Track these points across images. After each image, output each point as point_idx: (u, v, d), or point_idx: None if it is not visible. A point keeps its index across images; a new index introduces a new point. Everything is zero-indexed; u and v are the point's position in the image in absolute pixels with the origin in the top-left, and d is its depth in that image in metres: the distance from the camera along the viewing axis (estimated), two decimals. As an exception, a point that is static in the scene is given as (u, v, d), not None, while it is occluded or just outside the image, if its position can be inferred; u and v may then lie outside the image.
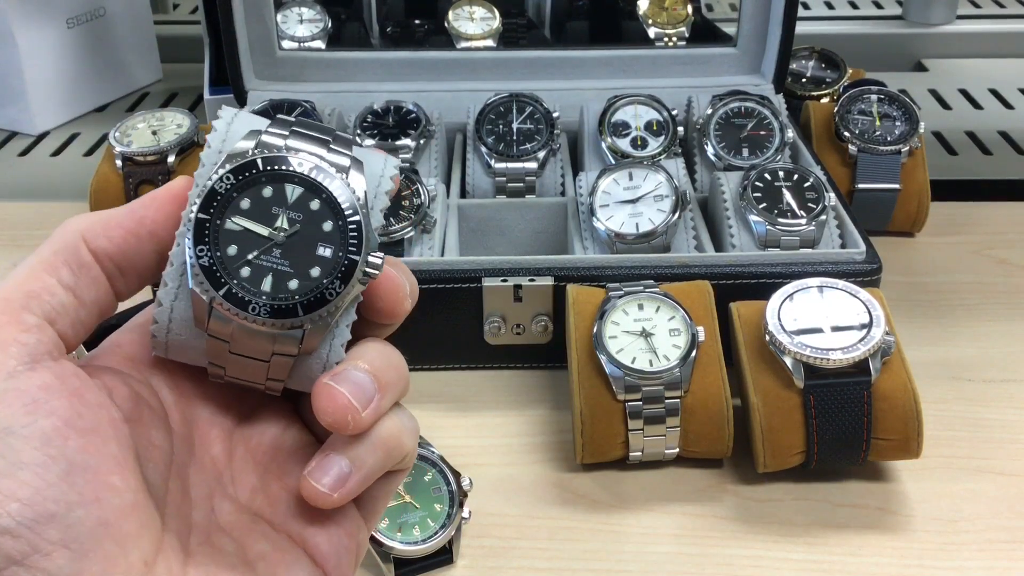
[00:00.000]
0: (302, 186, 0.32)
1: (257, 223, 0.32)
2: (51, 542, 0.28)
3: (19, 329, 0.30)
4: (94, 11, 1.07)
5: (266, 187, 0.32)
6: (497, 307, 0.65)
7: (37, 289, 0.31)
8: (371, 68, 0.88)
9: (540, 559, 0.53)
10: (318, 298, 0.32)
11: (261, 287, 0.31)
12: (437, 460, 0.54)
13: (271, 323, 0.31)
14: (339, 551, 0.35)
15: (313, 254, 0.32)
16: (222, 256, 0.31)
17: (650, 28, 0.93)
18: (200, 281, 0.31)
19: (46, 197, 0.91)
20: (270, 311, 0.31)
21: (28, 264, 0.32)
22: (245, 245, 0.32)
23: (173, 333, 0.33)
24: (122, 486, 0.30)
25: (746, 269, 0.64)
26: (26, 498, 0.28)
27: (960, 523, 0.55)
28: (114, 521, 0.30)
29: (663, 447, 0.57)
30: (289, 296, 0.32)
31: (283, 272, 0.32)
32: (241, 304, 0.31)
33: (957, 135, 1.01)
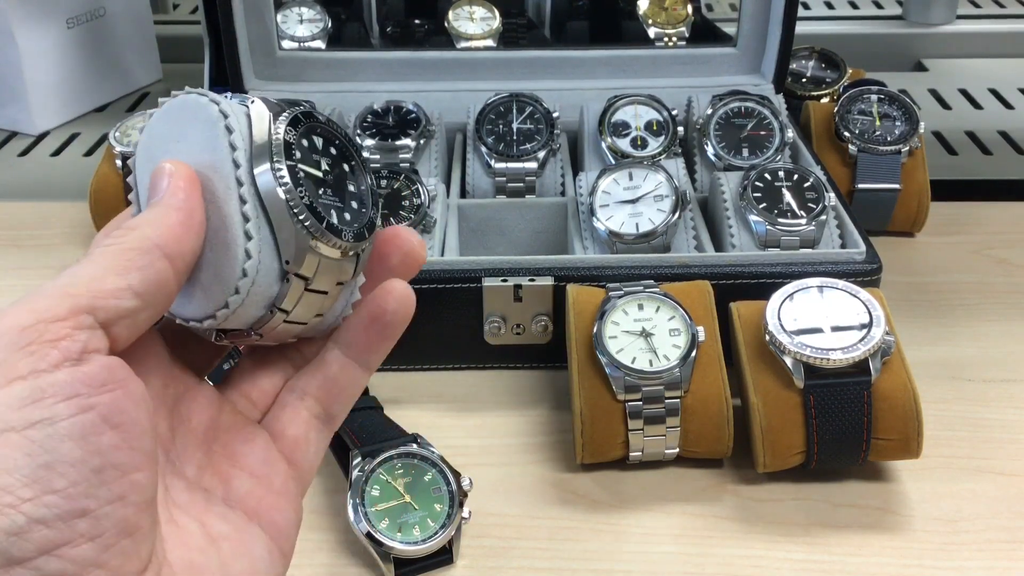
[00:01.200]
0: (323, 136, 0.37)
1: (313, 168, 0.36)
2: (80, 533, 0.30)
3: (74, 326, 0.31)
4: (94, 11, 1.07)
5: (303, 139, 0.36)
6: (497, 307, 0.65)
7: (105, 292, 0.32)
8: (371, 68, 0.88)
9: (540, 559, 0.53)
10: (370, 222, 0.37)
11: (334, 220, 0.36)
12: (437, 460, 0.54)
13: (355, 246, 0.36)
14: (289, 522, 0.37)
15: (347, 191, 0.37)
16: (311, 197, 0.35)
17: (650, 28, 0.93)
18: (307, 218, 0.35)
19: (46, 197, 0.91)
20: (354, 236, 0.36)
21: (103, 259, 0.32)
22: (311, 187, 0.35)
23: (256, 286, 0.35)
24: (145, 483, 0.31)
25: (746, 269, 0.64)
26: (62, 491, 0.29)
27: (960, 523, 0.55)
28: (133, 518, 0.31)
29: (663, 447, 0.57)
30: (352, 224, 0.36)
31: (339, 207, 0.36)
32: (337, 232, 0.35)
33: (957, 135, 1.01)
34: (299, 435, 0.39)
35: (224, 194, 0.34)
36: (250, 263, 0.34)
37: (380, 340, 0.40)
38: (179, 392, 0.37)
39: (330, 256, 0.36)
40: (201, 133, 0.35)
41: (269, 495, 0.37)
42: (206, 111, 0.35)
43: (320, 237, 0.35)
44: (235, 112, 0.35)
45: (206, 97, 0.35)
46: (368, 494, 0.52)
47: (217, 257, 0.35)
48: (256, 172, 0.34)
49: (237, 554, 0.35)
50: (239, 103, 0.36)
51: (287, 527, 0.38)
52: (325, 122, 0.37)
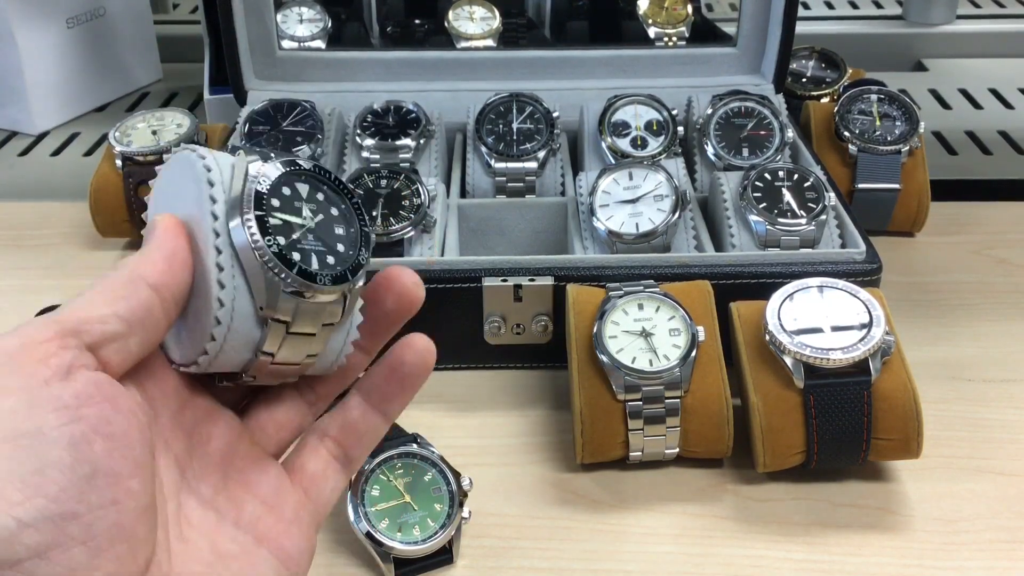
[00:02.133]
0: (308, 182, 0.38)
1: (292, 215, 0.37)
2: (71, 537, 0.30)
3: (60, 346, 0.32)
4: (94, 11, 1.07)
5: (284, 187, 0.37)
6: (497, 307, 0.65)
7: (91, 317, 0.33)
8: (371, 68, 0.88)
9: (540, 559, 0.53)
10: (355, 265, 0.38)
11: (313, 266, 0.37)
12: (437, 460, 0.54)
13: (333, 289, 0.37)
14: (300, 550, 0.39)
15: (334, 234, 0.38)
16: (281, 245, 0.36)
17: (650, 28, 0.93)
18: (273, 266, 0.36)
19: (46, 197, 0.91)
20: (332, 279, 0.37)
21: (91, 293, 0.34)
22: (289, 234, 0.37)
23: (233, 332, 0.36)
24: (139, 490, 0.32)
25: (746, 269, 0.64)
26: (52, 495, 0.30)
27: (960, 523, 0.55)
28: (128, 524, 0.31)
29: (663, 447, 0.57)
30: (336, 267, 0.37)
31: (321, 252, 0.37)
32: (310, 278, 0.36)
33: (957, 135, 1.01)
34: (317, 472, 0.40)
35: (204, 245, 0.36)
36: (223, 311, 0.36)
37: (400, 391, 0.41)
38: (198, 416, 0.38)
39: (309, 301, 0.37)
40: (190, 188, 0.37)
41: (279, 523, 0.38)
42: (193, 168, 0.36)
43: (294, 284, 0.36)
44: (221, 166, 0.37)
45: (195, 153, 0.37)
46: (368, 494, 0.52)
47: (199, 304, 0.36)
48: (231, 224, 0.36)
49: (244, 574, 0.36)
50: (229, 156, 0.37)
51: (297, 554, 0.39)
52: (311, 169, 0.38)
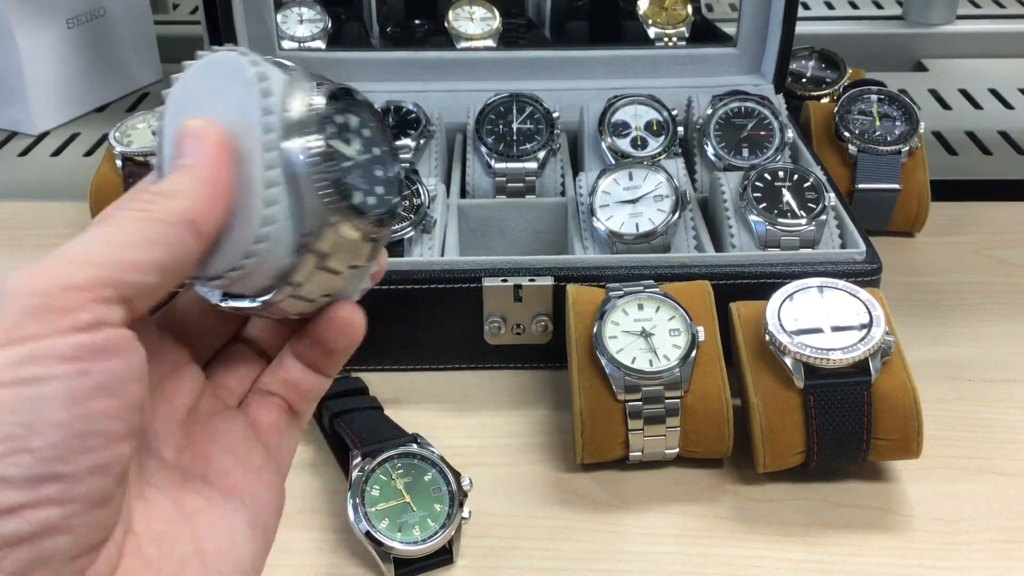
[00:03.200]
0: (358, 116, 0.36)
1: (344, 147, 0.35)
2: (49, 498, 0.28)
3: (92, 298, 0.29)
4: (94, 11, 1.07)
5: (339, 115, 0.35)
6: (497, 307, 0.65)
7: (132, 265, 0.30)
8: (371, 68, 0.88)
9: (540, 559, 0.53)
10: (392, 210, 0.36)
11: (358, 200, 0.35)
12: (437, 460, 0.54)
13: (377, 231, 0.35)
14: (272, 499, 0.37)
15: (374, 175, 0.36)
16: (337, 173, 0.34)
17: (650, 28, 0.93)
18: (332, 194, 0.34)
19: (46, 197, 0.91)
20: (375, 220, 0.35)
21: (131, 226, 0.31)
22: (340, 164, 0.35)
23: (271, 253, 0.34)
24: (127, 454, 0.30)
25: (746, 269, 0.64)
26: (37, 451, 0.28)
27: (960, 523, 0.55)
28: (110, 489, 0.30)
29: (663, 447, 0.57)
30: (375, 209, 0.35)
31: (364, 189, 0.35)
32: (359, 213, 0.35)
33: (957, 135, 1.01)
34: (271, 423, 0.38)
35: (251, 156, 0.33)
36: (268, 229, 0.34)
37: (326, 360, 0.39)
38: (164, 373, 0.37)
39: (348, 236, 0.35)
40: (236, 93, 0.34)
41: (249, 473, 0.37)
42: (244, 72, 0.34)
43: (342, 215, 0.34)
44: (274, 76, 0.34)
45: (247, 57, 0.34)
46: (368, 494, 0.52)
47: (237, 219, 0.34)
48: (288, 140, 0.33)
49: (213, 528, 0.35)
50: (280, 69, 0.35)
51: (269, 503, 0.37)
52: (362, 102, 0.37)
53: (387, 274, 0.64)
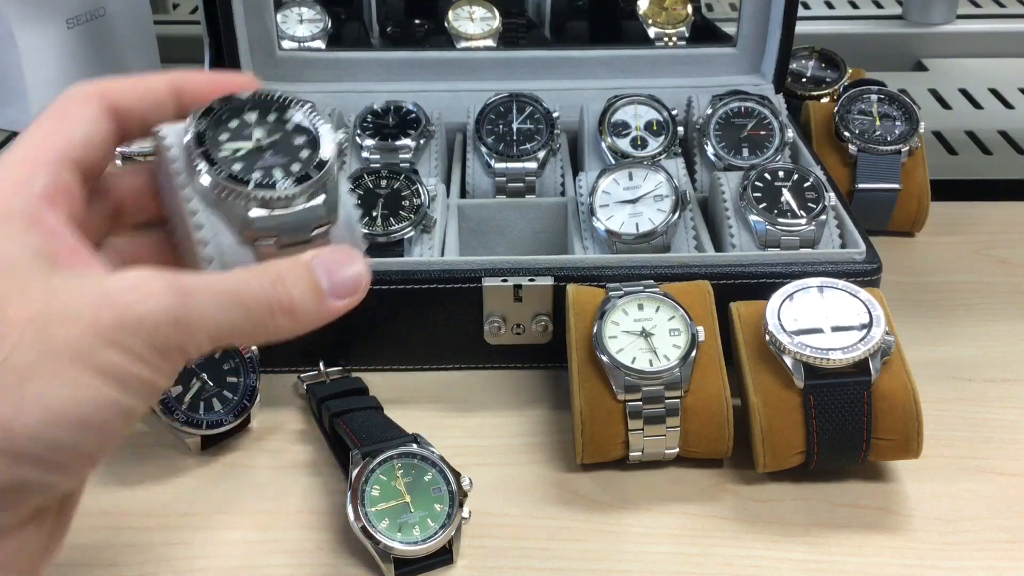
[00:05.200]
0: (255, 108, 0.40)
1: (241, 142, 0.39)
2: None
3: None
4: (94, 11, 1.07)
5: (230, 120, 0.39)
6: (497, 307, 0.65)
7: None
8: (371, 68, 0.88)
9: (540, 559, 0.53)
10: (320, 163, 0.39)
11: (276, 177, 0.38)
12: (437, 460, 0.54)
13: (298, 188, 0.38)
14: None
15: (294, 144, 0.39)
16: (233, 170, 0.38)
17: (650, 28, 0.93)
18: (229, 190, 0.37)
19: (46, 197, 0.91)
20: (296, 180, 0.38)
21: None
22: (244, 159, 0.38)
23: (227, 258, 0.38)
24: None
25: (746, 269, 0.64)
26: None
27: (960, 523, 0.55)
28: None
29: (663, 447, 0.57)
30: (299, 172, 0.38)
31: (285, 163, 0.39)
32: (270, 187, 0.38)
33: (957, 135, 1.01)
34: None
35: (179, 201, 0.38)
36: (208, 249, 0.38)
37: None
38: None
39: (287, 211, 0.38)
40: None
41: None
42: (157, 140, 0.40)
43: (254, 198, 0.37)
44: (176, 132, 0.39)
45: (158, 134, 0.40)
46: (368, 494, 0.52)
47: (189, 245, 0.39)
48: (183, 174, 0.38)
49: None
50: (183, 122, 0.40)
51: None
52: (250, 98, 0.40)
53: (387, 274, 0.64)
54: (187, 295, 0.35)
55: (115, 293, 0.34)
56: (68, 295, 0.34)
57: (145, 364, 0.34)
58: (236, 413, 0.61)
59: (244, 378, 0.61)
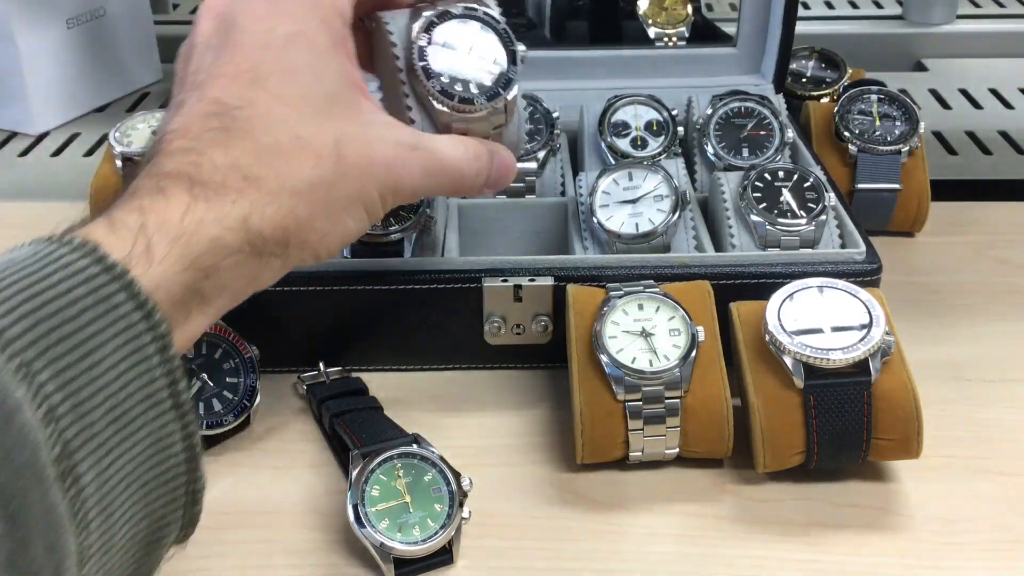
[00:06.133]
0: (462, 19, 0.53)
1: (450, 52, 0.52)
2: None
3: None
4: (94, 11, 1.07)
5: (443, 29, 0.52)
6: (497, 307, 0.65)
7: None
8: (371, 68, 0.88)
9: (540, 559, 0.53)
10: (506, 80, 0.53)
11: (472, 89, 0.52)
12: (437, 460, 0.54)
13: (489, 106, 0.52)
14: None
15: (489, 58, 0.53)
16: (443, 81, 0.51)
17: (650, 28, 0.93)
18: (440, 100, 0.51)
19: (46, 197, 0.91)
20: (487, 97, 0.52)
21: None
22: (451, 69, 0.52)
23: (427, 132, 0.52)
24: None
25: (746, 269, 0.64)
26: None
27: (960, 523, 0.55)
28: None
29: (663, 447, 0.57)
30: (490, 85, 0.52)
31: (478, 74, 0.52)
32: (468, 102, 0.51)
33: (957, 135, 1.01)
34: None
35: (397, 85, 0.52)
36: (415, 126, 0.51)
37: None
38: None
39: (477, 116, 0.51)
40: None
41: None
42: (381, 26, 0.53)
43: (458, 111, 0.51)
44: (399, 26, 0.52)
45: (383, 19, 0.53)
46: (368, 494, 0.52)
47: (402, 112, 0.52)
48: (404, 71, 0.51)
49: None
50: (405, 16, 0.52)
51: None
52: (463, 12, 0.53)
53: (387, 274, 0.64)
54: (428, 176, 0.49)
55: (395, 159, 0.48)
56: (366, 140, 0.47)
57: (387, 209, 0.49)
58: (236, 413, 0.61)
59: (244, 378, 0.61)
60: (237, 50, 0.46)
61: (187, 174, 0.42)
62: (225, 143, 0.43)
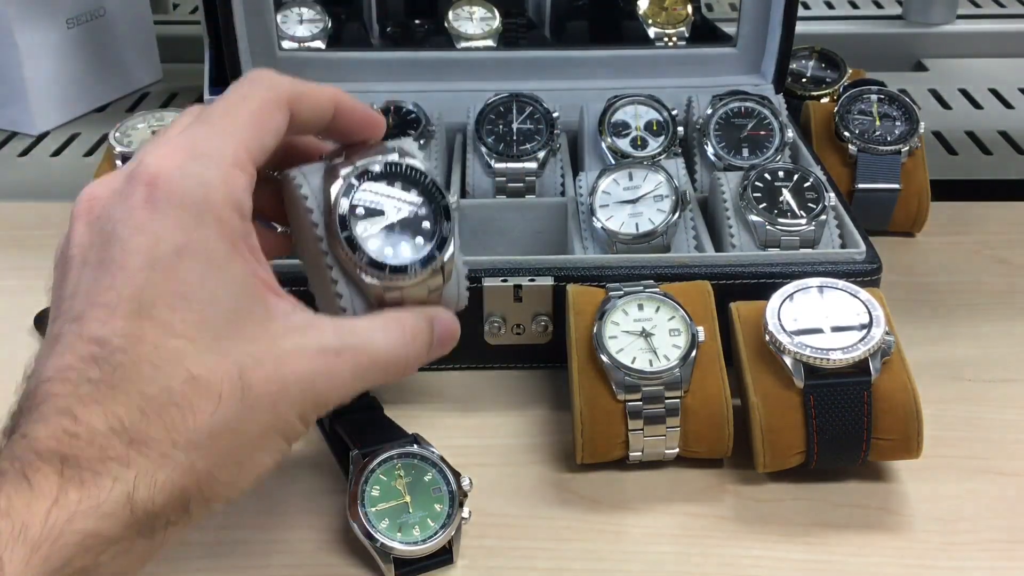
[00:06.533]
0: (385, 179, 0.46)
1: (376, 218, 0.45)
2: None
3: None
4: (94, 11, 1.07)
5: (365, 193, 0.45)
6: (497, 307, 0.65)
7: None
8: (371, 68, 0.88)
9: (540, 559, 0.53)
10: (442, 239, 0.47)
11: (404, 254, 0.45)
12: (437, 460, 0.54)
13: (426, 272, 0.46)
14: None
15: (419, 216, 0.46)
16: (371, 250, 0.45)
17: (650, 28, 0.93)
18: (369, 273, 0.45)
19: (46, 197, 0.91)
20: (421, 263, 0.46)
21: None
22: (378, 236, 0.45)
23: (356, 312, 0.46)
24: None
25: (746, 269, 0.64)
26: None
27: (960, 523, 0.55)
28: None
29: (663, 447, 0.57)
30: (424, 248, 0.46)
31: (409, 238, 0.46)
32: (402, 271, 0.45)
33: (957, 135, 1.01)
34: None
35: (319, 255, 0.45)
36: (343, 302, 0.45)
37: None
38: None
39: (413, 284, 0.45)
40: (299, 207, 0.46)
41: None
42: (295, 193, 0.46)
43: (391, 281, 0.45)
44: (312, 188, 0.45)
45: (295, 179, 0.46)
46: (368, 494, 0.52)
47: (328, 293, 0.46)
48: (324, 239, 0.45)
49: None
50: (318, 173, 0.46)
51: None
52: (384, 169, 0.46)
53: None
54: (360, 379, 0.43)
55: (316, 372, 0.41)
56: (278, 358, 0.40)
57: (310, 424, 0.43)
58: (236, 413, 0.60)
59: (244, 378, 0.61)
60: (118, 271, 0.39)
61: (58, 453, 0.36)
62: (106, 399, 0.37)
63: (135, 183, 0.40)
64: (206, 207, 0.39)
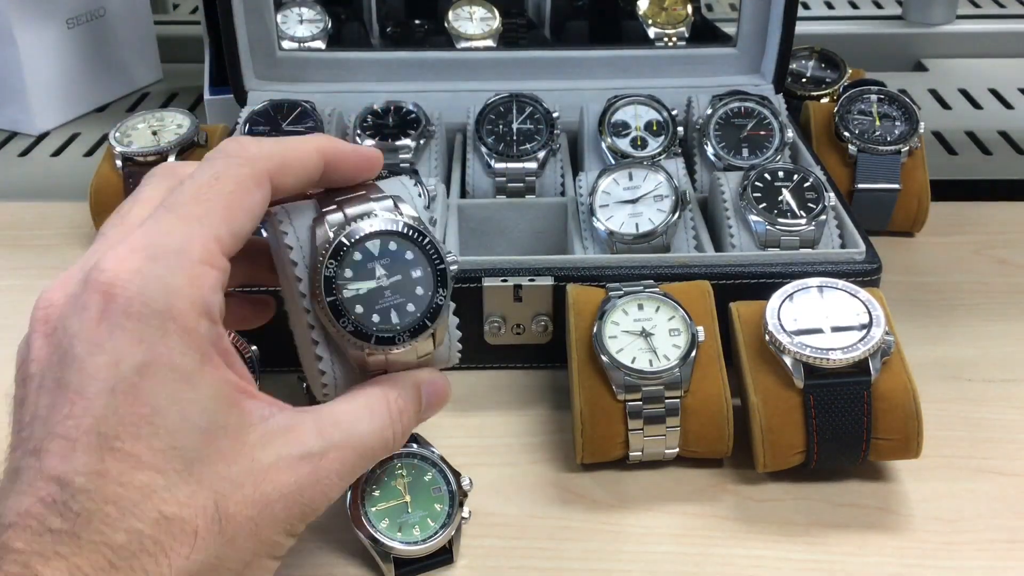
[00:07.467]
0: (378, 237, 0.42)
1: (365, 281, 0.42)
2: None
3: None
4: (94, 11, 1.07)
5: (355, 253, 0.42)
6: (497, 307, 0.65)
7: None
8: (371, 68, 0.88)
9: (540, 559, 0.53)
10: (435, 307, 0.43)
11: (393, 322, 0.42)
12: (437, 460, 0.54)
13: (414, 342, 0.42)
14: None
15: (411, 279, 0.42)
16: (356, 316, 0.41)
17: (650, 28, 0.93)
18: (353, 343, 0.41)
19: (46, 197, 0.91)
20: (410, 333, 0.42)
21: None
22: (366, 300, 0.42)
23: (340, 384, 0.43)
24: None
25: (746, 269, 0.64)
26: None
27: (960, 523, 0.55)
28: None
29: (663, 447, 0.57)
30: (414, 316, 0.42)
31: (400, 303, 0.42)
32: (389, 342, 0.42)
33: (957, 135, 1.01)
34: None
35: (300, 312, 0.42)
36: (326, 376, 0.43)
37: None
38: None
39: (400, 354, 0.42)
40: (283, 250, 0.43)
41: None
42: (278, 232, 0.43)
43: (375, 351, 0.42)
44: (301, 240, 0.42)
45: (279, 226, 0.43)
46: (368, 494, 0.52)
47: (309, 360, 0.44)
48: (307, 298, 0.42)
49: None
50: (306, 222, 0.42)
51: None
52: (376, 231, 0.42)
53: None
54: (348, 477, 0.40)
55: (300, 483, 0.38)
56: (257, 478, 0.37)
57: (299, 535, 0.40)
58: (236, 413, 0.61)
59: (244, 378, 0.61)
60: (76, 398, 0.35)
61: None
62: (70, 553, 0.33)
63: (91, 291, 0.36)
64: (169, 316, 0.35)
